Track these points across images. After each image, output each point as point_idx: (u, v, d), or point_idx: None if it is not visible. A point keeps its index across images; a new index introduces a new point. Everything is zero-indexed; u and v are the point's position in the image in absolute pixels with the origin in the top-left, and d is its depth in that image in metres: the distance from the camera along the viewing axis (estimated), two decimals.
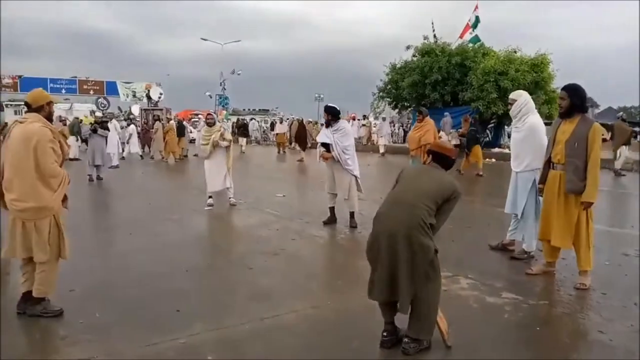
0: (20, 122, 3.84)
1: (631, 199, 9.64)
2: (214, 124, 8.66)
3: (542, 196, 4.87)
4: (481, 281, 4.69)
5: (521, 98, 5.37)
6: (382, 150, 21.36)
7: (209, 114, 9.12)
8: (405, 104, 25.76)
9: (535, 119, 5.22)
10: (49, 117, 3.96)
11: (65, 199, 3.95)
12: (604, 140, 21.22)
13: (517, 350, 3.44)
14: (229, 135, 8.84)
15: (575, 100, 4.48)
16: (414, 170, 3.68)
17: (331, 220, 7.18)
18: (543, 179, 4.78)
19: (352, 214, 7.04)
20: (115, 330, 3.61)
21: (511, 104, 5.42)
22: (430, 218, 3.19)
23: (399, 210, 3.25)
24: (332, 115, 6.91)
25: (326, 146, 6.96)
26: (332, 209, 7.21)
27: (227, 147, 8.58)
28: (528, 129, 5.15)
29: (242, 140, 23.34)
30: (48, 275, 3.83)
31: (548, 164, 4.72)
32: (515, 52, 22.58)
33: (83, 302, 4.14)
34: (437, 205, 3.25)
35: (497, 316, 3.94)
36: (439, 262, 3.31)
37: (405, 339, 3.27)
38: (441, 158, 3.48)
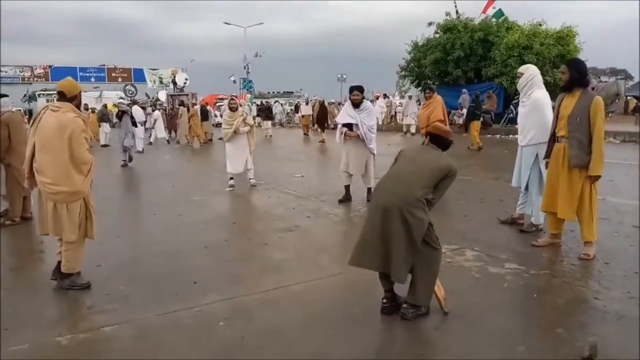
0: (53, 110, 4.11)
1: None
2: (237, 108, 8.84)
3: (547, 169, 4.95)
4: (486, 253, 4.84)
5: (528, 72, 5.41)
6: (412, 130, 20.09)
7: (232, 99, 9.29)
8: (428, 81, 25.52)
9: (540, 94, 5.26)
10: (78, 106, 4.27)
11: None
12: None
13: (512, 316, 3.60)
14: (251, 120, 9.06)
15: (575, 74, 4.54)
16: (413, 150, 3.86)
17: (346, 199, 7.38)
18: (548, 153, 4.84)
19: (369, 190, 7.24)
20: (136, 301, 3.92)
21: (519, 78, 5.48)
22: (425, 194, 3.36)
23: (395, 185, 3.44)
24: (362, 94, 7.17)
25: (349, 126, 7.14)
26: (347, 187, 7.41)
27: (250, 131, 8.82)
28: (532, 103, 5.21)
29: (267, 124, 22.74)
30: (75, 253, 4.15)
31: (553, 137, 4.79)
32: (540, 25, 22.11)
33: (108, 276, 4.47)
34: (434, 182, 3.43)
35: (497, 285, 4.10)
36: (436, 235, 3.49)
37: (404, 305, 3.47)
38: (438, 139, 3.65)
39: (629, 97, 31.11)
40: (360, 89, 7.20)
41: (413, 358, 3.03)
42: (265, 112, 23.97)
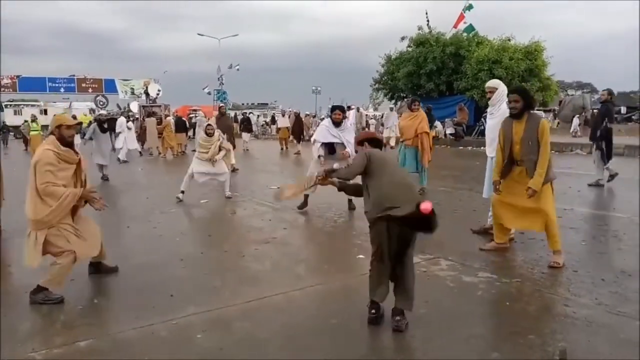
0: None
1: (615, 182, 9.85)
2: (213, 134, 8.74)
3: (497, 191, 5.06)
4: (460, 262, 4.95)
5: (501, 86, 5.72)
6: (392, 142, 19.41)
7: (209, 125, 9.05)
8: (401, 94, 25.96)
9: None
10: (61, 139, 4.23)
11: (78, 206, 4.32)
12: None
13: (486, 323, 3.71)
14: (227, 144, 9.02)
15: (527, 102, 4.80)
16: (380, 153, 3.82)
17: (303, 206, 7.68)
18: (504, 175, 4.98)
19: (350, 200, 7.47)
20: (111, 314, 3.88)
21: (491, 92, 5.69)
22: None
23: (403, 191, 3.41)
24: (344, 114, 7.56)
25: (330, 145, 7.37)
26: (306, 197, 7.63)
27: (226, 154, 8.89)
28: (502, 115, 5.37)
29: (246, 136, 21.90)
30: (60, 270, 4.10)
31: (510, 162, 4.92)
32: (509, 40, 22.81)
33: (82, 289, 4.40)
34: None
35: (471, 293, 4.20)
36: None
37: (398, 317, 3.47)
38: (377, 143, 3.92)
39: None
40: (342, 109, 7.64)
41: None
42: (244, 124, 23.41)
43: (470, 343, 3.32)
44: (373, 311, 3.56)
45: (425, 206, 3.14)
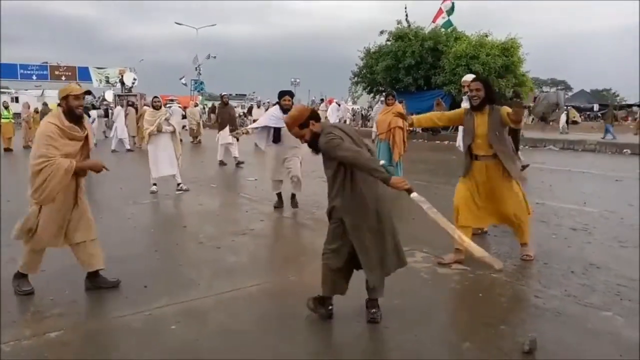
0: None
1: (586, 177, 10.10)
2: (160, 107, 8.66)
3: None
4: (435, 254, 5.00)
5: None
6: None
7: (155, 97, 8.93)
8: (380, 88, 26.02)
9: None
10: (70, 112, 3.88)
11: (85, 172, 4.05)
12: (575, 122, 21.96)
13: (459, 314, 3.78)
14: (174, 122, 8.78)
15: (489, 92, 4.54)
16: (346, 127, 3.65)
17: (280, 204, 7.34)
18: (466, 172, 4.78)
19: (294, 195, 7.26)
20: (83, 306, 3.82)
21: (468, 87, 5.70)
22: None
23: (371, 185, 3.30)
24: (292, 100, 7.04)
25: (277, 131, 6.86)
26: (280, 194, 7.37)
27: (173, 134, 8.53)
28: None
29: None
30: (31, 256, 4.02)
31: (470, 156, 4.72)
32: (486, 36, 23.01)
33: (53, 281, 4.31)
34: None
35: (445, 285, 4.27)
36: None
37: (374, 310, 3.47)
38: (319, 117, 3.52)
39: (568, 107, 32.85)
40: (291, 94, 7.11)
41: (366, 357, 3.11)
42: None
43: (443, 333, 3.38)
44: (331, 307, 3.54)
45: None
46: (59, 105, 3.94)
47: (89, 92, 4.42)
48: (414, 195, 3.16)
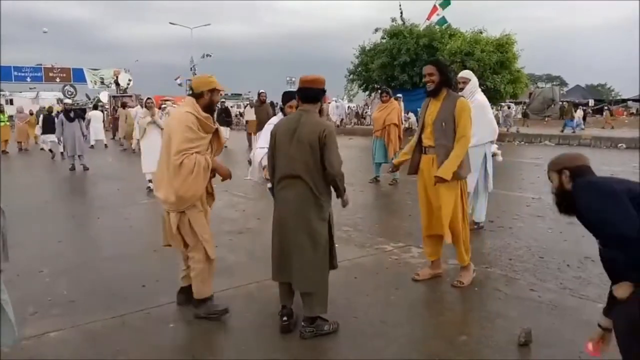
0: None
1: None
2: (152, 107, 8.70)
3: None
4: None
5: (474, 78, 5.71)
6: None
7: (148, 98, 9.03)
8: (375, 85, 26.06)
9: (481, 96, 5.56)
10: (209, 107, 3.58)
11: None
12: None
13: (455, 308, 3.81)
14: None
15: (444, 75, 4.01)
16: (284, 130, 3.34)
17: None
18: (413, 169, 4.27)
19: None
20: (83, 305, 3.83)
21: (465, 83, 5.68)
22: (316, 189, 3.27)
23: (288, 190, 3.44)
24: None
25: None
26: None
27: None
28: (478, 105, 5.38)
29: (226, 131, 18.13)
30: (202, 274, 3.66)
31: (419, 148, 4.20)
32: (481, 32, 23.09)
33: (52, 281, 4.33)
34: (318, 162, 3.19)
35: (441, 280, 4.29)
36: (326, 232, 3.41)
37: (303, 323, 3.32)
38: (309, 94, 3.32)
39: (563, 102, 32.95)
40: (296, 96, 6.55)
41: (364, 352, 3.14)
42: (222, 116, 19.21)
43: (440, 327, 3.41)
44: (285, 318, 3.45)
45: None
46: (193, 95, 3.58)
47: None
48: None
